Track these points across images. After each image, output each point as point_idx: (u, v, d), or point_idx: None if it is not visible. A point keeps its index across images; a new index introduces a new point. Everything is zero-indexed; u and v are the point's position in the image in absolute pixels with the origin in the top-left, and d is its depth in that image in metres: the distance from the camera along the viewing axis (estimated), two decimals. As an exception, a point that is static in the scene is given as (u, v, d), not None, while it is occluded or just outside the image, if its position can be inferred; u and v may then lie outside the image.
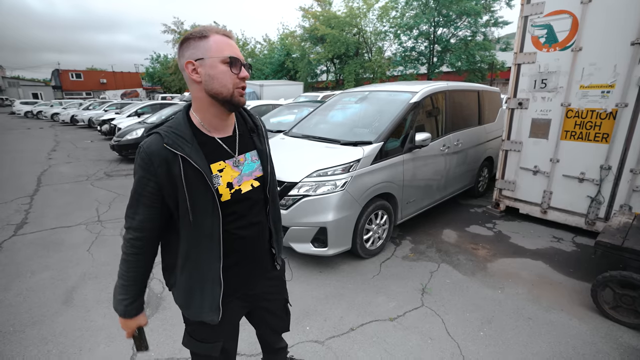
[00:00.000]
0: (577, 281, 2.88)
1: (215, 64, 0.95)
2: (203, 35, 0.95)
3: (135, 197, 1.01)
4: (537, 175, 3.98)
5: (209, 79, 0.96)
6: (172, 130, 0.99)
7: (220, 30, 0.98)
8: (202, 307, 1.09)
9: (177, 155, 0.95)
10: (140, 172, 0.97)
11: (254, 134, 1.17)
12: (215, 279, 1.07)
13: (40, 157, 8.75)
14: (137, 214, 1.01)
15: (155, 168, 0.95)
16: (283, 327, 1.49)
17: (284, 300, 1.44)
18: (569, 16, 3.45)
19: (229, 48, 0.96)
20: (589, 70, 3.41)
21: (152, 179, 0.96)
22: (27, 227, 4.08)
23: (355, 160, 2.93)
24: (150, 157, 0.95)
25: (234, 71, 0.96)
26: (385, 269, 3.07)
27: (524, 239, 3.70)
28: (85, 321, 2.37)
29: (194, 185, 0.98)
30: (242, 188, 1.09)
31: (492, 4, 14.77)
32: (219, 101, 0.99)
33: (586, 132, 3.54)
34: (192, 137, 1.00)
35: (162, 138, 0.97)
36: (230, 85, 0.97)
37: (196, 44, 0.95)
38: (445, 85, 4.03)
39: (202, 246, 1.04)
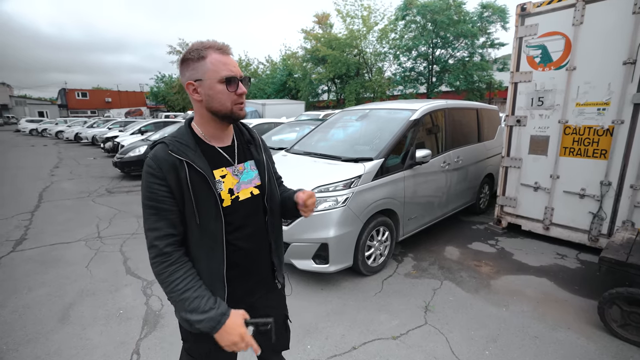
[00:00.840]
0: (583, 299, 2.83)
1: (213, 85, 0.99)
2: (201, 56, 0.99)
3: (151, 206, 0.99)
4: (538, 191, 3.99)
5: (208, 98, 1.01)
6: (176, 140, 1.03)
7: (216, 45, 1.01)
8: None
9: (182, 162, 0.99)
10: (151, 179, 0.98)
11: (251, 145, 1.21)
12: (220, 283, 1.08)
13: (42, 174, 8.81)
14: (158, 221, 0.99)
15: (164, 173, 0.98)
16: (283, 344, 1.44)
17: (284, 316, 1.40)
18: (562, 37, 3.56)
19: (225, 67, 1.00)
20: (584, 89, 3.48)
21: (163, 184, 0.98)
22: (26, 243, 4.06)
23: (356, 177, 2.95)
24: (158, 164, 0.98)
25: (231, 90, 1.00)
26: (387, 286, 3.03)
27: (527, 256, 3.66)
28: (81, 339, 2.31)
29: (199, 189, 1.01)
30: (240, 195, 1.11)
31: (488, 26, 15.23)
32: (219, 117, 1.05)
33: (584, 148, 3.57)
34: (195, 145, 1.04)
35: (167, 146, 1.01)
36: (229, 103, 1.02)
37: (194, 65, 1.00)
38: (444, 103, 4.11)
39: (209, 249, 1.05)
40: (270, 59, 25.71)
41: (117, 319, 2.55)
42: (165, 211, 0.99)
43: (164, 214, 0.99)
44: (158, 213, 0.99)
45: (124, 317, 2.57)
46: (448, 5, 14.55)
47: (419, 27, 15.79)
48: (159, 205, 0.98)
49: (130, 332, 2.39)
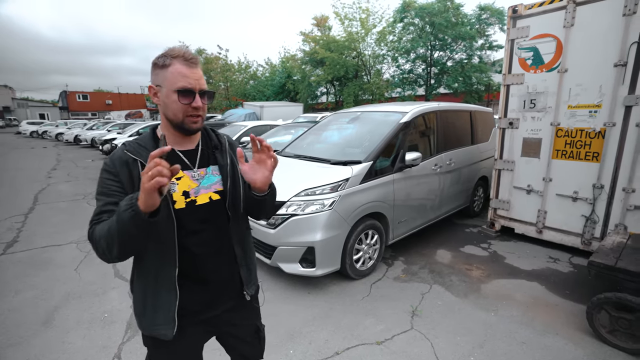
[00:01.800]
0: (574, 303, 2.79)
1: (169, 94, 1.01)
2: (165, 64, 1.01)
3: (101, 199, 1.01)
4: (531, 194, 3.96)
5: (164, 105, 1.04)
6: (135, 141, 1.09)
7: (185, 56, 1.02)
8: (155, 317, 1.07)
9: (136, 160, 1.02)
10: (104, 175, 1.02)
11: (217, 150, 1.19)
12: (171, 286, 1.06)
13: (40, 176, 8.82)
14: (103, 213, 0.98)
15: (117, 170, 1.01)
16: (255, 354, 1.41)
17: (255, 327, 1.37)
18: (553, 39, 3.54)
19: (184, 79, 1.00)
20: (576, 91, 3.46)
21: (115, 179, 1.01)
22: (17, 246, 4.05)
23: (343, 180, 2.93)
24: (112, 162, 1.03)
25: (183, 101, 1.01)
26: (375, 290, 3.00)
27: (519, 260, 3.63)
28: (64, 343, 2.30)
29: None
30: (197, 200, 1.10)
31: (486, 28, 15.24)
32: (172, 125, 1.07)
33: (577, 151, 3.55)
34: (153, 147, 1.05)
35: (125, 146, 1.06)
36: (180, 115, 1.03)
37: (158, 71, 1.03)
38: (436, 106, 4.09)
39: (159, 250, 1.05)
40: (270, 62, 25.77)
41: (101, 323, 2.53)
42: (114, 204, 0.97)
43: (109, 207, 0.99)
44: (105, 205, 1.00)
45: (108, 321, 2.55)
46: (446, 8, 14.58)
47: (417, 29, 15.82)
48: (109, 199, 1.00)
49: (113, 335, 2.37)
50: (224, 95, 26.30)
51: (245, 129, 7.57)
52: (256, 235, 3.04)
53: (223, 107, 24.78)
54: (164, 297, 1.07)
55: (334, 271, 2.97)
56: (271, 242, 2.90)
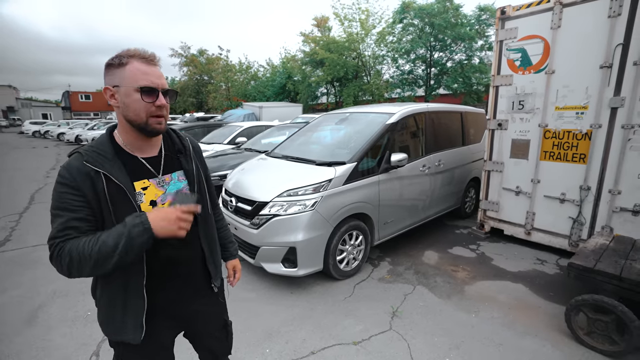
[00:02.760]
0: (557, 305, 2.79)
1: (130, 93, 0.97)
2: (122, 63, 0.97)
3: (61, 215, 0.93)
4: (520, 195, 3.95)
5: (124, 106, 0.99)
6: (92, 149, 1.00)
7: (142, 54, 1.00)
8: (124, 324, 1.06)
9: (99, 173, 0.96)
10: (63, 189, 0.94)
11: (181, 155, 1.18)
12: (139, 294, 1.05)
13: (38, 176, 8.89)
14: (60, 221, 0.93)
15: (78, 183, 0.94)
16: (223, 350, 1.44)
17: (223, 321, 1.40)
18: (540, 41, 3.54)
19: (144, 77, 0.97)
20: (563, 92, 3.45)
21: (78, 194, 0.94)
22: (9, 245, 4.09)
23: (326, 180, 2.94)
24: (71, 174, 0.94)
25: (147, 100, 0.98)
26: (358, 291, 3.01)
27: (506, 261, 3.62)
28: (44, 341, 2.32)
29: (117, 201, 0.98)
30: (165, 207, 1.08)
31: (486, 29, 15.18)
32: (135, 127, 1.02)
33: (564, 152, 3.54)
34: (114, 155, 1.02)
35: (82, 156, 0.98)
36: (143, 114, 0.99)
37: (114, 71, 0.98)
38: (424, 107, 4.09)
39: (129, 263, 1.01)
40: (271, 62, 25.82)
41: (83, 321, 2.55)
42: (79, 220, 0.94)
43: (66, 214, 0.93)
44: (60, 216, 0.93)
45: (91, 319, 2.57)
46: (445, 9, 14.54)
47: (417, 30, 15.78)
48: (73, 215, 0.93)
49: (93, 334, 2.40)
50: (225, 96, 26.40)
51: (240, 129, 7.60)
52: (240, 235, 3.06)
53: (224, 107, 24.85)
54: (132, 305, 1.05)
55: (317, 271, 2.98)
56: (254, 242, 2.91)
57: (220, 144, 7.09)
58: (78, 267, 0.91)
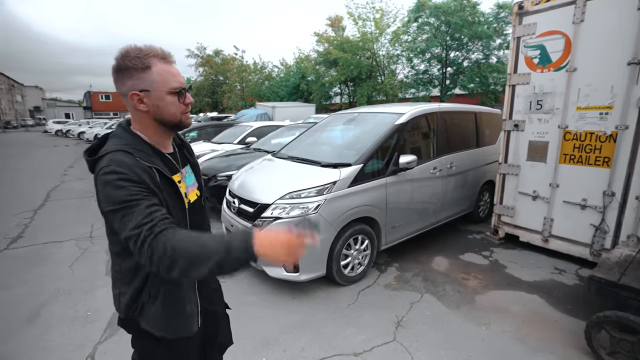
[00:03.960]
0: (575, 320, 2.59)
1: (163, 96, 0.97)
2: (145, 65, 0.93)
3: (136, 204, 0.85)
4: (537, 200, 3.74)
5: (157, 109, 0.98)
6: (132, 147, 0.95)
7: (159, 53, 0.97)
8: (183, 317, 1.07)
9: (152, 168, 0.95)
10: (124, 184, 0.86)
11: (184, 149, 1.22)
12: (192, 285, 1.11)
13: (56, 174, 9.15)
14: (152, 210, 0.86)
15: (140, 176, 0.89)
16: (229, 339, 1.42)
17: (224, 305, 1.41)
18: (561, 36, 3.33)
19: (173, 78, 0.98)
20: (585, 91, 3.24)
21: (143, 187, 0.89)
22: (21, 241, 4.18)
23: (330, 183, 2.84)
24: (131, 169, 0.88)
25: (182, 101, 1.01)
26: (362, 298, 2.89)
27: (521, 270, 3.43)
28: (42, 341, 2.32)
29: (169, 194, 1.00)
30: (190, 199, 1.14)
31: (504, 27, 14.72)
32: (167, 126, 1.04)
33: (586, 155, 3.32)
34: (152, 152, 1.01)
35: (130, 154, 0.92)
36: (178, 113, 1.01)
37: (139, 75, 0.94)
38: (436, 107, 3.93)
39: None
40: (285, 62, 25.88)
41: (82, 321, 2.54)
42: (155, 205, 0.88)
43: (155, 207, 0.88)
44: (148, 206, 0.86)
45: (90, 319, 2.56)
46: (462, 7, 14.18)
47: (432, 29, 15.46)
48: (146, 202, 0.87)
49: (91, 335, 2.38)
50: (239, 96, 26.64)
51: (250, 129, 7.60)
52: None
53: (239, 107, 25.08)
54: (188, 296, 1.08)
55: (319, 277, 2.88)
56: (255, 245, 2.84)
57: (230, 144, 7.10)
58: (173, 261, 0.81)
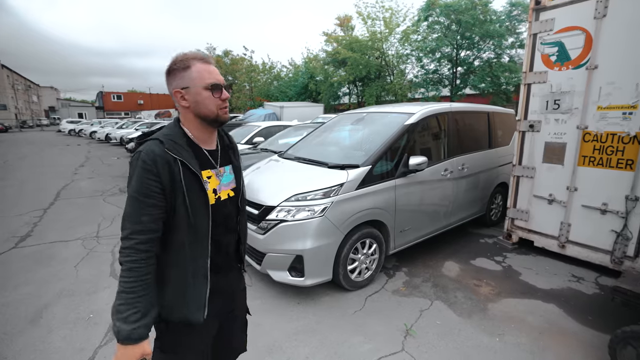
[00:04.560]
0: (597, 333, 2.45)
1: (200, 92, 1.07)
2: (186, 66, 1.07)
3: (140, 200, 1.00)
4: (553, 204, 3.58)
5: (195, 104, 1.08)
6: (169, 138, 1.07)
7: (199, 56, 1.09)
8: (189, 304, 1.12)
9: (177, 160, 1.04)
10: (144, 174, 1.00)
11: (230, 151, 1.27)
12: (204, 275, 1.13)
13: (67, 173, 9.27)
14: (143, 215, 1.00)
15: (159, 169, 1.01)
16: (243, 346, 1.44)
17: (246, 309, 1.44)
18: (581, 32, 3.17)
19: (209, 75, 1.08)
20: (607, 90, 3.07)
21: (157, 180, 1.01)
22: (29, 240, 4.20)
23: (337, 185, 2.75)
24: (154, 160, 1.00)
25: (216, 95, 1.09)
26: (370, 304, 2.79)
27: (536, 277, 3.28)
28: (44, 343, 2.29)
29: (191, 187, 1.06)
30: (221, 196, 1.18)
31: (517, 25, 14.38)
32: (206, 121, 1.12)
33: (607, 157, 3.15)
34: (187, 145, 1.10)
35: (162, 143, 1.04)
36: (215, 108, 1.10)
37: (181, 75, 1.07)
38: (447, 107, 3.81)
39: (198, 244, 1.11)
40: (294, 62, 25.86)
41: (84, 323, 2.51)
42: (151, 207, 1.01)
43: (149, 209, 1.01)
44: (144, 207, 1.01)
45: (92, 322, 2.52)
46: (473, 5, 13.89)
47: (443, 28, 15.21)
48: (147, 200, 1.00)
49: (92, 338, 2.34)
50: (248, 96, 26.71)
51: (258, 129, 7.55)
52: (247, 241, 2.93)
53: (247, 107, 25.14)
54: (198, 286, 1.12)
55: (325, 281, 2.79)
56: (260, 248, 2.77)
57: (238, 144, 7.06)
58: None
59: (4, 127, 31.57)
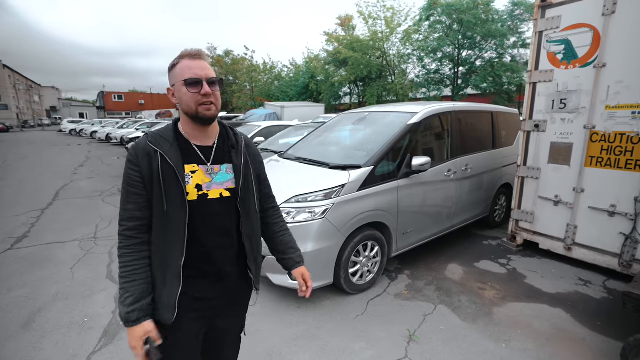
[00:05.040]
0: (606, 339, 2.37)
1: (180, 88, 1.09)
2: (174, 64, 1.11)
3: (125, 188, 1.09)
4: (559, 206, 3.50)
5: (179, 100, 1.11)
6: (157, 133, 1.12)
7: (188, 53, 1.10)
8: (158, 302, 1.10)
9: (157, 152, 1.07)
10: (127, 165, 1.08)
11: (233, 150, 1.23)
12: (176, 275, 1.10)
13: (66, 173, 9.21)
14: (128, 203, 1.08)
15: (139, 160, 1.07)
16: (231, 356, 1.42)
17: (240, 329, 1.39)
18: (589, 30, 3.10)
19: (189, 71, 1.07)
20: (616, 89, 3.00)
21: (136, 170, 1.07)
22: (25, 241, 4.13)
23: (339, 186, 2.68)
24: (135, 151, 1.08)
25: (192, 90, 1.07)
26: (372, 308, 2.72)
27: (542, 280, 3.20)
28: (35, 349, 2.22)
29: (168, 178, 1.07)
30: (209, 194, 1.14)
31: (519, 25, 14.30)
32: (190, 117, 1.12)
33: (615, 158, 3.07)
34: (174, 139, 1.12)
35: (147, 137, 1.11)
36: (193, 104, 1.08)
37: (170, 74, 1.12)
38: (451, 106, 3.73)
39: (169, 238, 1.09)
40: (294, 62, 25.81)
41: (78, 328, 2.44)
42: (134, 195, 1.08)
43: (133, 197, 1.08)
44: (129, 196, 1.08)
45: (86, 327, 2.45)
46: (475, 4, 13.83)
47: (444, 27, 15.14)
48: (130, 189, 1.08)
49: (85, 343, 2.27)
50: (249, 96, 26.68)
51: (259, 128, 7.48)
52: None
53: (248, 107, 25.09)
54: (169, 284, 1.10)
55: (327, 285, 2.72)
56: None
57: (238, 144, 7.00)
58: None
59: (5, 127, 31.59)
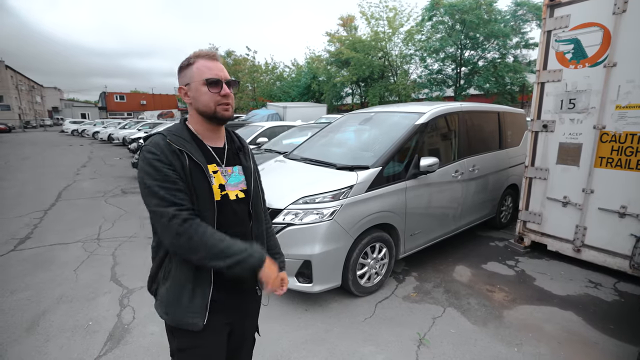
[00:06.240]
0: (620, 343, 2.32)
1: (198, 87, 1.08)
2: (189, 63, 1.09)
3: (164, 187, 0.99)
4: (568, 207, 3.46)
5: (195, 100, 1.10)
6: (172, 133, 1.09)
7: (204, 53, 1.10)
8: (190, 306, 1.08)
9: (182, 152, 1.05)
10: (158, 164, 1.00)
11: (241, 152, 1.25)
12: (207, 277, 1.09)
13: (69, 173, 9.20)
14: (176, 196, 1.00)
15: (170, 159, 1.02)
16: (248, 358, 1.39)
17: (255, 328, 1.38)
18: (599, 29, 3.06)
19: (209, 71, 1.07)
20: (626, 88, 2.96)
21: (171, 168, 1.01)
22: (28, 243, 4.11)
23: (347, 187, 2.64)
24: (161, 150, 1.02)
25: (213, 91, 1.07)
26: (380, 311, 2.68)
27: (551, 282, 3.16)
28: (39, 353, 2.18)
29: (196, 178, 1.06)
30: (229, 194, 1.14)
31: (522, 25, 14.24)
32: (206, 117, 1.11)
33: (626, 158, 3.03)
34: (191, 139, 1.11)
35: (165, 137, 1.06)
36: (212, 104, 1.08)
37: (184, 72, 1.10)
38: (458, 106, 3.69)
39: None
40: (296, 63, 25.78)
41: (83, 332, 2.41)
42: (180, 191, 1.01)
43: (179, 192, 1.01)
44: (173, 189, 1.00)
45: (91, 330, 2.42)
46: (478, 4, 13.77)
47: (447, 27, 15.10)
48: (172, 186, 1.00)
49: (91, 347, 2.24)
50: (251, 96, 26.63)
51: (262, 129, 7.45)
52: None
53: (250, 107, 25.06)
54: (199, 287, 1.08)
55: (334, 287, 2.68)
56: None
57: (241, 144, 6.96)
58: (190, 248, 0.99)
59: (7, 127, 31.65)
